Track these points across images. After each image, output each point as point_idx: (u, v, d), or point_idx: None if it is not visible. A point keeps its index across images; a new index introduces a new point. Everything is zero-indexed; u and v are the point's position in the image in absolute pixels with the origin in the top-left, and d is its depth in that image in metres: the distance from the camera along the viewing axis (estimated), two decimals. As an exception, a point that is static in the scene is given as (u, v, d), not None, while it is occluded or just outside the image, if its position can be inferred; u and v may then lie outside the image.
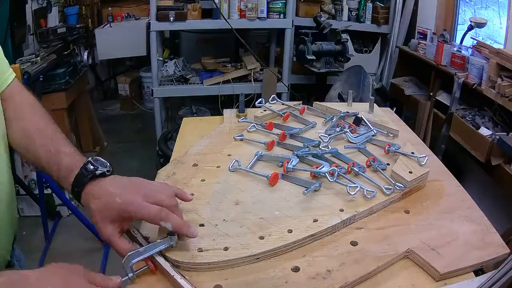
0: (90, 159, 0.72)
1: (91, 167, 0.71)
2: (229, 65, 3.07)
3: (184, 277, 0.63)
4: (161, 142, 2.73)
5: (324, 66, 2.82)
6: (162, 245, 0.67)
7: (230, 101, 2.85)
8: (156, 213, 0.66)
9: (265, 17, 2.81)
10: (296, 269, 0.67)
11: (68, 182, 0.72)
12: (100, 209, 0.67)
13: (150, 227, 0.75)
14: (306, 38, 2.75)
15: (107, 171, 0.72)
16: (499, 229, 0.81)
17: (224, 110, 1.29)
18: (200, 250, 0.68)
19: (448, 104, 2.33)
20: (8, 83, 0.83)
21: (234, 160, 0.94)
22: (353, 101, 1.24)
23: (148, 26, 2.84)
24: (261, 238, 0.71)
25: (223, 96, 2.99)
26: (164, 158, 2.54)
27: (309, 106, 1.25)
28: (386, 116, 1.20)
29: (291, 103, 1.24)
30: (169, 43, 3.67)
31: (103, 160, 0.73)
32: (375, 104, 1.21)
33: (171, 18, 2.68)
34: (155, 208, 0.67)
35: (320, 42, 2.79)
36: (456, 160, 2.23)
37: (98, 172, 0.70)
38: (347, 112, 1.16)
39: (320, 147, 1.00)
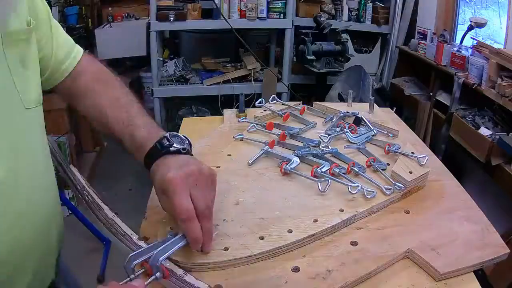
0: (167, 134, 0.72)
1: (166, 142, 0.70)
2: (229, 65, 3.07)
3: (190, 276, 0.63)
4: (161, 142, 2.72)
5: (324, 66, 2.82)
6: (162, 246, 0.66)
7: (230, 101, 2.85)
8: (184, 211, 0.62)
9: (265, 17, 2.81)
10: (296, 269, 0.67)
11: (140, 155, 0.72)
12: (156, 180, 0.67)
13: (150, 228, 0.75)
14: (306, 38, 2.75)
15: (183, 149, 0.71)
16: (499, 229, 0.81)
17: (224, 110, 1.29)
18: (200, 250, 0.68)
19: (448, 104, 2.33)
20: (77, 61, 0.82)
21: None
22: (353, 101, 1.24)
23: (148, 26, 2.84)
24: (261, 238, 0.71)
25: (223, 96, 2.99)
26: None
27: (309, 106, 1.25)
28: (386, 116, 1.20)
29: (291, 103, 1.24)
30: (169, 43, 3.67)
31: (182, 136, 0.73)
32: (375, 104, 1.21)
33: (171, 18, 2.68)
34: (186, 206, 0.63)
35: (320, 42, 2.79)
36: (456, 160, 2.23)
37: (172, 148, 0.70)
38: (347, 112, 1.16)
39: (320, 147, 1.00)
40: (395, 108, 1.54)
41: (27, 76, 0.67)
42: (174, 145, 0.70)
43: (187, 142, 0.73)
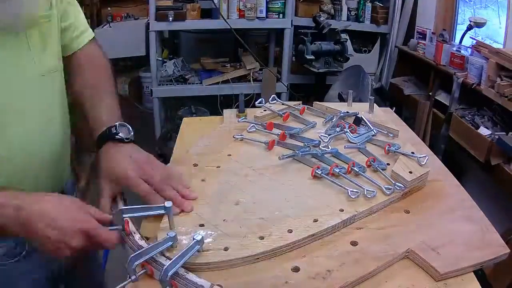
0: (117, 123, 0.83)
1: (114, 130, 0.82)
2: (228, 65, 3.07)
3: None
4: (160, 142, 2.73)
5: (323, 66, 2.82)
6: (163, 246, 0.66)
7: (229, 101, 2.85)
8: (145, 192, 0.77)
9: (264, 17, 2.81)
10: (296, 269, 0.67)
11: (93, 137, 0.86)
12: (105, 168, 0.80)
13: (150, 229, 0.75)
14: (305, 38, 2.75)
15: (126, 138, 0.82)
16: (499, 229, 0.81)
17: (224, 110, 1.29)
18: (200, 250, 0.68)
19: (448, 104, 2.33)
20: (84, 44, 0.97)
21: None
22: (352, 101, 1.24)
23: (147, 26, 2.84)
24: (261, 238, 0.71)
25: (222, 96, 2.99)
26: (164, 158, 2.54)
27: (309, 106, 1.25)
28: (386, 116, 1.20)
29: (291, 103, 1.24)
30: (168, 43, 3.67)
31: (129, 127, 0.84)
32: (375, 104, 1.21)
33: (170, 18, 2.68)
34: (143, 188, 0.77)
35: (319, 42, 2.79)
36: (456, 160, 2.23)
37: (117, 137, 0.82)
38: (347, 112, 1.16)
39: (320, 147, 1.00)
40: (394, 108, 1.54)
41: (45, 49, 0.82)
42: (120, 134, 0.82)
43: (132, 133, 0.84)
